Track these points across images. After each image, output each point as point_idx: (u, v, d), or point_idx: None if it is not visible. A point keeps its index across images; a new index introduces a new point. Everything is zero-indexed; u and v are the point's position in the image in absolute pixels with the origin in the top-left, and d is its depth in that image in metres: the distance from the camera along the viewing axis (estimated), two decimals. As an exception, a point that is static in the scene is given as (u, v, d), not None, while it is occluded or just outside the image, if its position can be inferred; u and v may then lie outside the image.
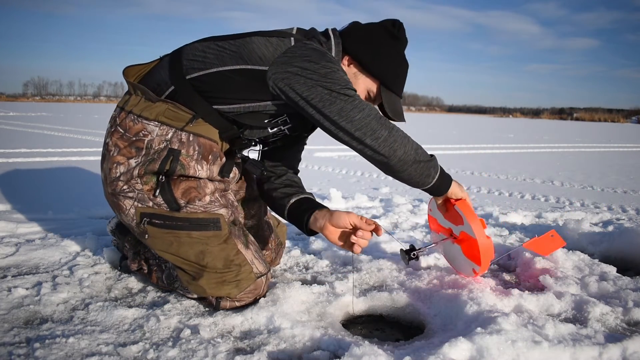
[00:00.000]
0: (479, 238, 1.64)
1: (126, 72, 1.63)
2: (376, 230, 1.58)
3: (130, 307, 1.58)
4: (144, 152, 1.52)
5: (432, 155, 1.62)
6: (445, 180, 1.66)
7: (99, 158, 5.99)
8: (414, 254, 1.72)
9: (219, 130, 1.58)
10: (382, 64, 1.60)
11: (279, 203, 1.72)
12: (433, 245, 1.90)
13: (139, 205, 1.53)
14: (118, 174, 1.54)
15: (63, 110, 25.72)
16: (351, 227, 1.57)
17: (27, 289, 1.66)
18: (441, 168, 1.66)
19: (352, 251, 1.56)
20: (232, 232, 1.59)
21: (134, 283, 1.80)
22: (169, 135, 1.53)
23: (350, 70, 1.61)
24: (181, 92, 1.53)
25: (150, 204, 1.53)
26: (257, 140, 1.71)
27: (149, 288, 1.76)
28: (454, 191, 1.69)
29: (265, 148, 1.81)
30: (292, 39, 1.49)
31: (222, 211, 1.58)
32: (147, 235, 1.55)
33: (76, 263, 1.94)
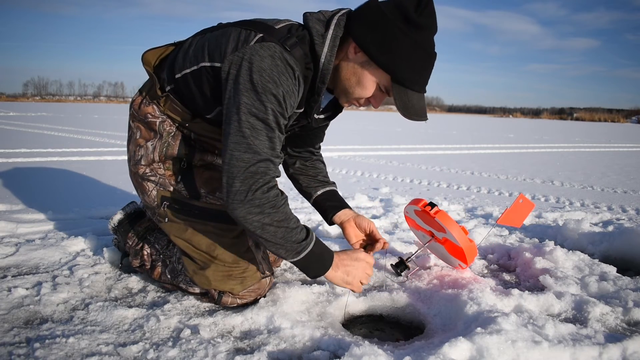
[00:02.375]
0: (463, 245, 1.76)
1: (145, 58, 1.62)
2: (384, 244, 1.74)
3: (130, 307, 1.58)
4: (158, 136, 1.58)
5: (305, 239, 1.42)
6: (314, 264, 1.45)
7: (99, 158, 5.98)
8: (405, 273, 1.87)
9: (220, 129, 1.58)
10: (392, 55, 1.35)
11: (305, 191, 1.83)
12: (419, 250, 1.97)
13: (161, 189, 1.59)
14: (139, 157, 1.60)
15: (63, 110, 25.71)
16: (367, 233, 1.75)
17: (27, 289, 1.66)
18: (313, 253, 1.43)
19: (368, 250, 1.73)
20: None
21: (134, 283, 1.80)
22: (177, 125, 1.58)
23: (358, 59, 1.40)
24: (177, 89, 1.54)
25: (171, 189, 1.58)
26: None
27: (149, 288, 1.76)
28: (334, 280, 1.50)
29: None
30: (258, 35, 1.36)
31: None
32: (166, 219, 1.60)
33: (76, 263, 1.94)
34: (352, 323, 1.62)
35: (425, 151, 8.26)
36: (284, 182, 4.08)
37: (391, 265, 1.91)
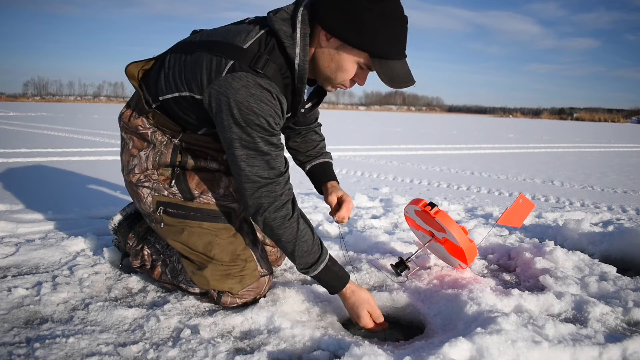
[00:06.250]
0: (463, 245, 1.76)
1: (129, 72, 1.61)
2: (342, 219, 1.72)
3: (130, 307, 1.58)
4: (151, 145, 1.60)
5: (319, 257, 1.49)
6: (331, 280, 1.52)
7: (99, 158, 5.97)
8: (405, 273, 1.89)
9: (211, 138, 1.60)
10: (365, 34, 1.33)
11: (300, 166, 1.89)
12: (419, 250, 1.97)
13: (156, 194, 1.60)
14: (133, 166, 1.62)
15: (63, 110, 25.71)
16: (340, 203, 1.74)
17: (27, 289, 1.66)
18: (328, 270, 1.51)
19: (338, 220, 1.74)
20: (242, 228, 1.63)
21: (134, 283, 1.80)
22: (167, 136, 1.59)
23: (332, 45, 1.38)
24: (163, 108, 1.56)
25: (166, 193, 1.59)
26: None
27: (149, 288, 1.76)
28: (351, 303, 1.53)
29: None
30: (229, 64, 1.35)
31: (234, 206, 1.62)
32: (162, 224, 1.60)
33: (76, 263, 1.94)
34: (352, 323, 1.62)
35: (425, 151, 8.26)
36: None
37: (391, 265, 1.91)
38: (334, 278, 1.51)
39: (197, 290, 1.63)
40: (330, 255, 1.53)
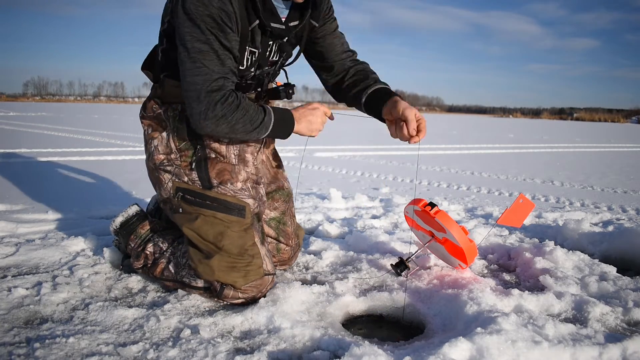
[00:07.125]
0: (463, 245, 1.76)
1: (142, 67, 1.77)
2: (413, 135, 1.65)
3: (130, 307, 1.58)
4: (167, 124, 1.68)
5: (264, 117, 1.54)
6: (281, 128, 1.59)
7: (99, 158, 5.98)
8: (405, 273, 1.88)
9: None
10: None
11: (355, 100, 1.82)
12: (419, 250, 1.97)
13: (176, 179, 1.65)
14: (155, 146, 1.69)
15: (63, 110, 25.71)
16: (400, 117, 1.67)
17: (27, 289, 1.66)
18: (277, 121, 1.57)
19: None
20: (253, 224, 1.65)
21: (134, 283, 1.80)
22: (179, 108, 1.66)
23: None
24: (168, 71, 1.65)
25: (186, 179, 1.64)
26: (255, 78, 1.71)
27: (149, 288, 1.76)
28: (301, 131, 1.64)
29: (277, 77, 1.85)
30: None
31: (250, 201, 1.65)
32: (180, 209, 1.64)
33: (76, 263, 1.94)
34: (352, 323, 1.62)
35: (425, 151, 8.26)
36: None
37: (391, 265, 1.91)
38: (282, 111, 1.59)
39: (200, 285, 1.64)
40: (270, 108, 1.57)
